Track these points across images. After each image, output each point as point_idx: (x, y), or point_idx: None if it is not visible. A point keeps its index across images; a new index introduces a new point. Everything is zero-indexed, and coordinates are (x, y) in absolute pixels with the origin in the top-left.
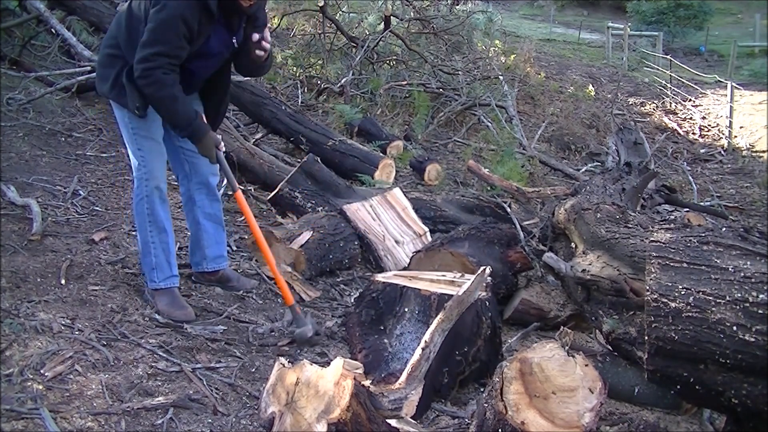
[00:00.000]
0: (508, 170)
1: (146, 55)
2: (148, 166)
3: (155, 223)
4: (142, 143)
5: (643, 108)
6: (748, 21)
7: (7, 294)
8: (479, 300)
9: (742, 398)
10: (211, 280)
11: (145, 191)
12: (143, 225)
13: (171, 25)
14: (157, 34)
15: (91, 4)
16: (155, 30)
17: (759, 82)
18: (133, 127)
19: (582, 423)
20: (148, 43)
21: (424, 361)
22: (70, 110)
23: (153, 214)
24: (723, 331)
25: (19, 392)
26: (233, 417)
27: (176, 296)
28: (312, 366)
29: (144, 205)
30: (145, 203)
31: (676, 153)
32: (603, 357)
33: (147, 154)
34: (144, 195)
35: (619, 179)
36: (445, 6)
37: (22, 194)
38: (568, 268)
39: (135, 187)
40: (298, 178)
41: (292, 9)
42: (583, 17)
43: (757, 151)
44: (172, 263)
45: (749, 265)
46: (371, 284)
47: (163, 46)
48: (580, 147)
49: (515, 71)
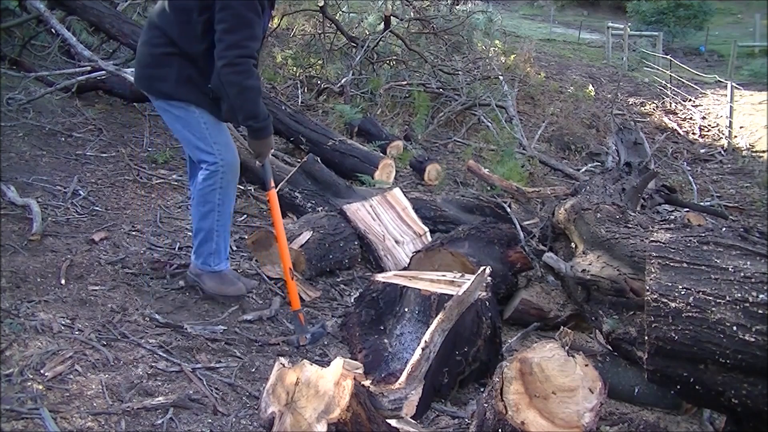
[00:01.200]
0: (508, 170)
1: (236, 41)
2: (225, 159)
3: (223, 213)
4: (217, 137)
5: (643, 108)
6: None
7: (7, 294)
8: (479, 300)
9: (742, 398)
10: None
11: (220, 182)
12: (210, 213)
13: (249, 7)
14: (239, 18)
15: (91, 4)
16: (237, 15)
17: (759, 82)
18: (205, 121)
19: (582, 423)
20: (233, 30)
21: (424, 361)
22: (70, 110)
23: (223, 204)
24: (723, 331)
25: (19, 392)
26: (233, 417)
27: (226, 275)
28: (312, 366)
29: (216, 195)
30: (218, 194)
31: (676, 153)
32: (603, 357)
33: (223, 147)
34: (218, 186)
35: (619, 179)
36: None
37: (22, 194)
38: (568, 268)
39: (206, 177)
40: (298, 178)
41: (292, 9)
42: (583, 17)
43: (757, 151)
44: (227, 248)
45: (749, 265)
46: (371, 284)
47: (250, 29)
48: (580, 147)
49: (515, 71)
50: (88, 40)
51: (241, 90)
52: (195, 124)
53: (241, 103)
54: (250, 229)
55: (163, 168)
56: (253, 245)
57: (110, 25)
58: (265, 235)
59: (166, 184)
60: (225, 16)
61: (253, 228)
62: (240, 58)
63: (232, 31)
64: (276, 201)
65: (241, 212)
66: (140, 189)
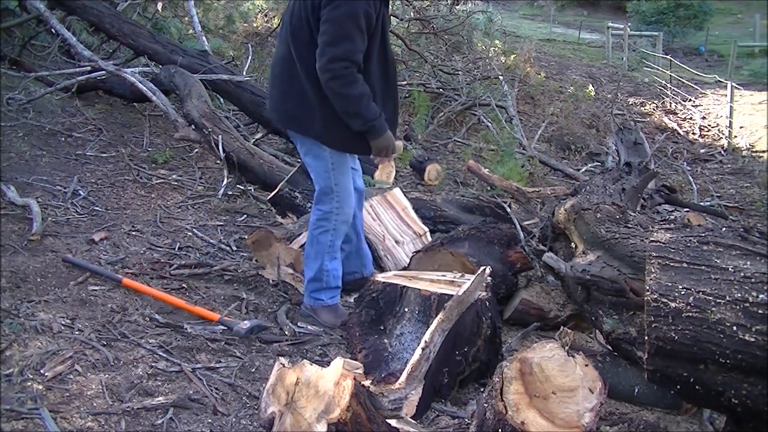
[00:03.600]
0: (508, 170)
1: (338, 54)
2: (341, 202)
3: (332, 254)
4: (339, 179)
5: (643, 108)
6: (748, 21)
7: (7, 294)
8: (479, 300)
9: (742, 398)
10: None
11: (333, 224)
12: (320, 254)
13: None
14: (340, 31)
15: (91, 4)
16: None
17: (759, 82)
18: (333, 162)
19: (582, 423)
20: (334, 42)
21: (424, 361)
22: (70, 110)
23: (333, 246)
24: (723, 331)
25: (19, 392)
26: (233, 417)
27: (338, 307)
28: (312, 366)
29: (328, 237)
30: (330, 235)
31: (676, 153)
32: (603, 357)
33: (342, 191)
34: (332, 228)
35: (619, 179)
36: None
37: (22, 194)
38: (568, 268)
39: (319, 218)
40: (298, 178)
41: None
42: (583, 17)
43: (757, 151)
44: (339, 283)
45: (749, 265)
46: (371, 284)
47: (351, 43)
48: (580, 147)
49: (515, 71)
50: (88, 40)
51: (349, 100)
52: (322, 161)
53: (351, 111)
54: (250, 229)
55: (163, 168)
56: (253, 245)
57: (110, 25)
58: (265, 235)
59: (166, 184)
60: (327, 28)
61: (253, 228)
62: (346, 69)
63: (332, 44)
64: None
65: (241, 212)
66: (140, 189)
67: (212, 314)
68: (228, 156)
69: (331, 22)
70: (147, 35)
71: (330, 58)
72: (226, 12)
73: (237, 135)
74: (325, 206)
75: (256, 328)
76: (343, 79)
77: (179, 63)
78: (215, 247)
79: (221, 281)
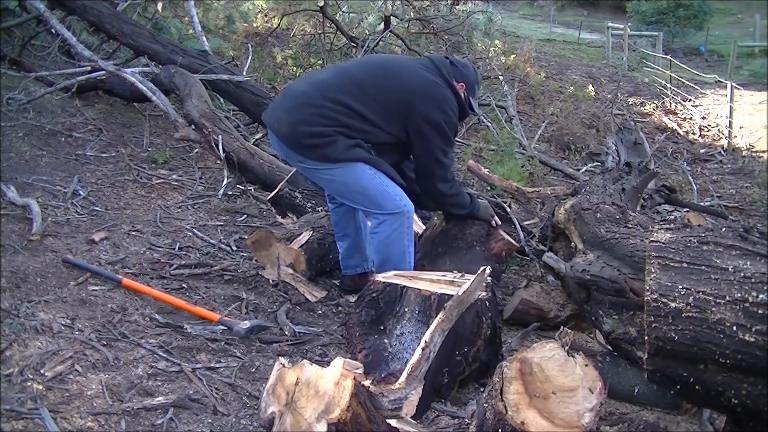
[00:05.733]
0: (508, 170)
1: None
2: (403, 199)
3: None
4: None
5: (643, 108)
6: (748, 21)
7: (7, 294)
8: (479, 300)
9: (742, 398)
10: (360, 284)
11: (407, 222)
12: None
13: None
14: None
15: (91, 4)
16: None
17: (759, 82)
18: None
19: (582, 423)
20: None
21: (424, 361)
22: (70, 110)
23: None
24: (723, 331)
25: (19, 392)
26: (233, 417)
27: None
28: (312, 366)
29: (405, 240)
30: (406, 236)
31: (676, 153)
32: (603, 357)
33: (395, 188)
34: (406, 227)
35: (619, 179)
36: (445, 6)
37: (22, 194)
38: (568, 268)
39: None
40: (298, 178)
41: (292, 9)
42: (583, 17)
43: (757, 151)
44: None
45: (749, 265)
46: (371, 284)
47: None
48: (580, 147)
49: (515, 71)
50: (88, 40)
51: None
52: (362, 176)
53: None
54: (250, 229)
55: (163, 168)
56: (253, 245)
57: (110, 25)
58: (265, 235)
59: (166, 184)
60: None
61: (253, 228)
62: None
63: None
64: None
65: (241, 212)
66: (140, 189)
67: (212, 314)
68: (228, 156)
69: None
70: (147, 35)
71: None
72: (226, 12)
73: (237, 135)
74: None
75: (256, 328)
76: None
77: (179, 63)
78: (215, 247)
79: (221, 281)
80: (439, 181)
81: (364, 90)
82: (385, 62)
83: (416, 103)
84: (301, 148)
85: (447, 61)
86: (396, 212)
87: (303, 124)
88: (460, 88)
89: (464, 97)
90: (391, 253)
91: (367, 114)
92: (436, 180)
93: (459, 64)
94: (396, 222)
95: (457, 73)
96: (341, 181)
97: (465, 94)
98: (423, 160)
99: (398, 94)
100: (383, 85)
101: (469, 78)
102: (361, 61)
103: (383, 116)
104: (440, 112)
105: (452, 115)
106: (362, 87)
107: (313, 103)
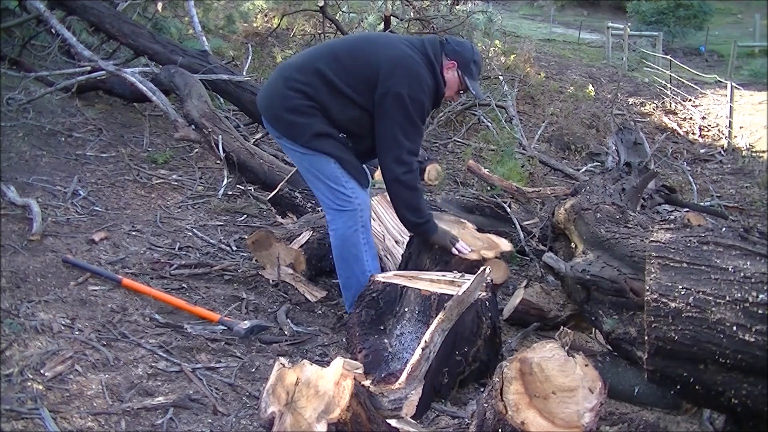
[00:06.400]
0: (508, 170)
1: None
2: (360, 197)
3: (370, 251)
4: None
5: (643, 108)
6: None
7: (7, 294)
8: (479, 300)
9: (742, 398)
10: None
11: (360, 221)
12: (358, 255)
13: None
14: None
15: (91, 4)
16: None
17: (759, 82)
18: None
19: (582, 423)
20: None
21: (424, 361)
22: (70, 110)
23: (369, 242)
24: (723, 331)
25: (19, 392)
26: (233, 417)
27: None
28: (312, 366)
29: (360, 235)
30: (361, 233)
31: (676, 153)
32: (603, 357)
33: (355, 186)
34: (360, 225)
35: (619, 179)
36: (445, 6)
37: (22, 194)
38: (568, 268)
39: (342, 224)
40: (298, 178)
41: (292, 9)
42: (583, 17)
43: (757, 151)
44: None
45: (749, 265)
46: (371, 284)
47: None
48: (580, 147)
49: (515, 71)
50: (88, 40)
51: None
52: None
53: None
54: (250, 229)
55: (163, 168)
56: (253, 245)
57: (110, 25)
58: (265, 235)
59: (166, 184)
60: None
61: (253, 228)
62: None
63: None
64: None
65: (241, 212)
66: (140, 189)
67: (212, 314)
68: (228, 156)
69: (406, 116)
70: (147, 35)
71: (408, 151)
72: (226, 12)
73: (237, 135)
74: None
75: (256, 328)
76: (413, 174)
77: (179, 63)
78: (215, 247)
79: (221, 281)
80: (394, 161)
81: (338, 60)
82: (370, 36)
83: (383, 73)
84: (276, 122)
85: (437, 41)
86: (348, 209)
87: (277, 97)
88: (451, 66)
89: (458, 76)
90: (346, 249)
91: (338, 84)
92: (391, 158)
93: (453, 42)
94: (350, 220)
95: (448, 50)
96: (306, 166)
97: (458, 72)
98: (381, 135)
99: (369, 64)
100: (357, 54)
101: (463, 55)
102: (349, 36)
103: (354, 87)
104: (405, 85)
105: (419, 91)
106: (337, 57)
107: (286, 75)
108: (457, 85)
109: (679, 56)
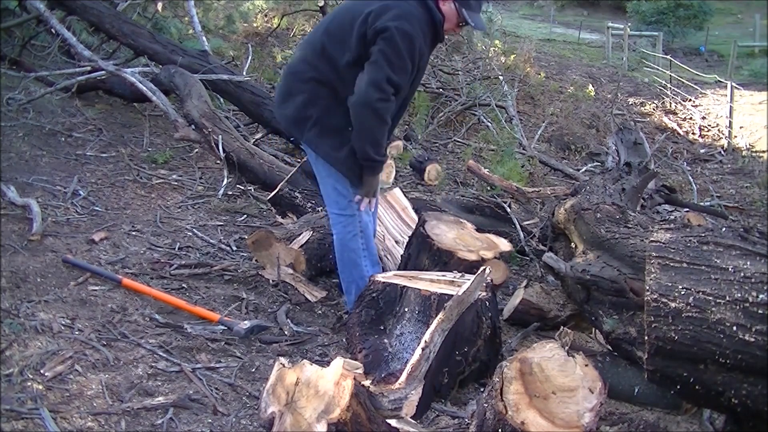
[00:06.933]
0: (508, 170)
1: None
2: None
3: (370, 256)
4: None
5: (643, 108)
6: (748, 21)
7: (7, 294)
8: (479, 300)
9: (742, 398)
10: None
11: (359, 227)
12: (356, 261)
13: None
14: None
15: (91, 4)
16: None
17: (759, 82)
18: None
19: (582, 423)
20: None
21: (424, 361)
22: (70, 110)
23: (369, 248)
24: (723, 331)
25: (19, 392)
26: (233, 417)
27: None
28: (312, 366)
29: (358, 241)
30: (360, 238)
31: (676, 153)
32: (603, 357)
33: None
34: (358, 231)
35: (619, 179)
36: None
37: (22, 194)
38: (568, 268)
39: (341, 228)
40: (298, 178)
41: (292, 9)
42: (583, 17)
43: (757, 151)
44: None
45: (749, 265)
46: (371, 284)
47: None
48: (580, 147)
49: (515, 71)
50: (88, 40)
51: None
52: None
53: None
54: (250, 229)
55: (163, 168)
56: (253, 245)
57: (110, 25)
58: (265, 235)
59: (166, 184)
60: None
61: (253, 228)
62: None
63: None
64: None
65: (241, 212)
66: (140, 189)
67: (212, 314)
68: (228, 156)
69: (392, 47)
70: (147, 35)
71: (387, 79)
72: (226, 12)
73: (237, 135)
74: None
75: (256, 328)
76: (387, 104)
77: (179, 63)
78: (215, 247)
79: (221, 281)
80: (371, 83)
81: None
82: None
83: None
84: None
85: None
86: (347, 214)
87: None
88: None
89: (455, 8)
90: (345, 254)
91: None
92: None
93: None
94: (350, 225)
95: None
96: (317, 169)
97: (456, 5)
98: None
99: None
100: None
101: None
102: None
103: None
104: (393, 18)
105: (407, 24)
106: (328, 30)
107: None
108: (455, 17)
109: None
